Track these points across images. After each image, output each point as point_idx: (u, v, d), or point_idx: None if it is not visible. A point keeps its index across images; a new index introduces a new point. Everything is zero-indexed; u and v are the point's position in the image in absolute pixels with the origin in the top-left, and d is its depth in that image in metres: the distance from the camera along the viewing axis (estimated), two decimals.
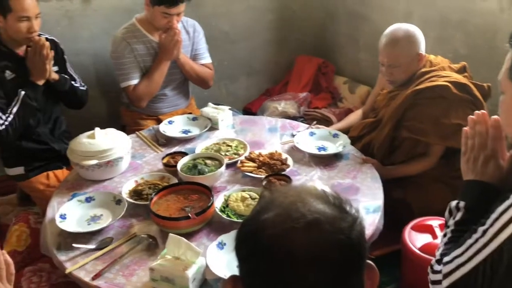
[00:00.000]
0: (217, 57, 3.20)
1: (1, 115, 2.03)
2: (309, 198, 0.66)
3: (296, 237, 0.62)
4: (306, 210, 0.64)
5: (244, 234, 0.67)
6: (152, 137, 2.23)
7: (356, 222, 0.66)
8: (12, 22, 2.01)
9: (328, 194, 0.68)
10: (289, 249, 0.62)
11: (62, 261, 1.50)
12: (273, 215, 0.65)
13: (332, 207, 0.66)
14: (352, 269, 0.65)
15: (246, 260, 0.65)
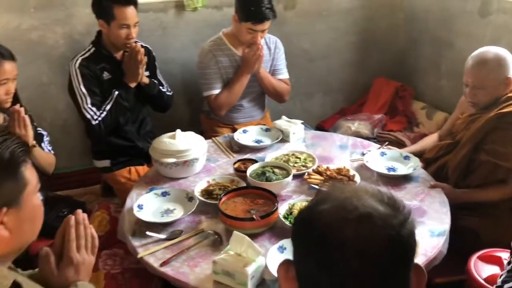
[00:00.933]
0: (295, 73, 3.30)
1: (96, 111, 2.26)
2: (364, 195, 0.71)
3: (347, 227, 0.67)
4: (360, 204, 0.69)
5: (301, 221, 0.73)
6: (227, 144, 2.35)
7: (407, 221, 0.70)
8: (114, 29, 2.24)
9: (383, 194, 0.73)
10: (339, 238, 0.67)
11: (135, 246, 1.64)
12: (328, 207, 0.70)
13: (385, 205, 0.70)
14: (399, 264, 0.68)
15: (299, 245, 0.71)
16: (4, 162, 0.88)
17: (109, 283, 1.79)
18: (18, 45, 2.66)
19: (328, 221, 0.68)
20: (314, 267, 0.68)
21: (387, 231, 0.67)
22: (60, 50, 2.76)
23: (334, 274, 0.66)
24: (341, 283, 0.66)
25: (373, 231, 0.67)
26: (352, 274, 0.66)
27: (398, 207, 0.71)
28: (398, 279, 0.68)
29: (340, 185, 0.76)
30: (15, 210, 0.92)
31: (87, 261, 1.14)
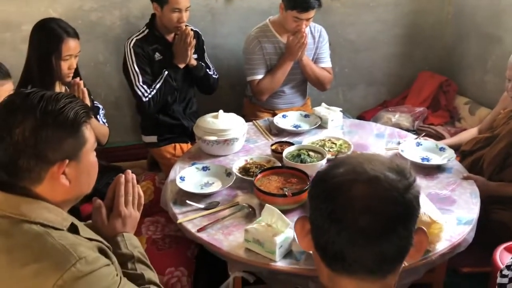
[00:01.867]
0: (339, 63, 3.36)
1: (147, 89, 2.42)
2: (376, 162, 0.79)
3: (356, 187, 0.76)
4: (369, 169, 0.77)
5: (316, 180, 0.82)
6: (266, 127, 2.46)
7: (411, 186, 0.78)
8: (166, 12, 2.38)
9: (394, 162, 0.81)
10: (348, 196, 0.76)
11: (176, 213, 1.78)
12: (342, 170, 0.79)
13: (393, 172, 0.78)
14: (401, 223, 0.76)
15: (314, 201, 0.80)
16: (68, 121, 1.02)
17: (150, 247, 1.95)
18: (79, 25, 2.85)
19: (340, 181, 0.77)
20: (326, 222, 0.77)
21: (393, 193, 0.76)
22: (116, 32, 2.94)
23: (343, 228, 0.75)
24: (349, 236, 0.75)
25: (379, 191, 0.75)
26: (359, 229, 0.74)
27: (405, 174, 0.79)
28: (399, 236, 0.76)
29: (356, 153, 0.85)
30: (75, 163, 1.06)
31: (133, 215, 1.28)
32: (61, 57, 1.97)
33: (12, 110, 1.00)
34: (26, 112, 0.99)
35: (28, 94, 1.02)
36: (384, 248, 0.75)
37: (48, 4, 2.79)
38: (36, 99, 1.00)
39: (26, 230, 0.99)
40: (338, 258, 0.77)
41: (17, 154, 0.98)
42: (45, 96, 1.02)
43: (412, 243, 0.79)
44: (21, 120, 0.98)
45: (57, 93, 1.05)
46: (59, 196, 1.06)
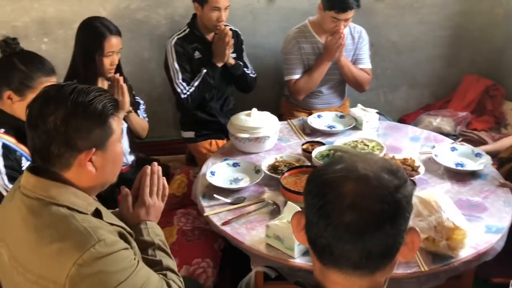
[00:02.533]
0: (380, 65, 3.33)
1: (186, 86, 2.51)
2: (370, 161, 0.81)
3: (346, 184, 0.78)
4: (361, 167, 0.79)
5: (311, 176, 0.85)
6: (300, 126, 2.48)
7: (402, 186, 0.79)
8: (206, 11, 2.46)
9: (390, 163, 0.82)
10: (338, 193, 0.78)
11: (203, 206, 1.85)
12: (335, 167, 0.81)
13: (385, 171, 0.79)
14: (387, 221, 0.77)
15: (306, 196, 0.83)
16: (96, 112, 1.10)
17: (180, 237, 2.02)
18: (126, 24, 3.01)
19: (331, 178, 0.80)
20: (315, 216, 0.79)
21: (381, 191, 0.77)
22: (161, 30, 3.06)
23: (330, 223, 0.77)
24: (335, 231, 0.77)
25: (368, 189, 0.77)
26: (345, 224, 0.76)
27: (397, 174, 0.80)
28: (386, 233, 0.77)
29: (356, 153, 0.87)
30: (101, 152, 1.14)
31: (157, 205, 1.36)
32: (104, 54, 2.08)
33: (46, 100, 1.09)
34: (58, 102, 1.08)
35: (62, 86, 1.11)
36: (370, 245, 0.77)
37: (98, 3, 2.94)
38: (68, 91, 1.09)
39: (54, 212, 1.08)
40: (326, 252, 0.80)
41: (49, 140, 1.07)
42: (76, 88, 1.10)
43: (402, 241, 0.80)
44: (54, 109, 1.07)
45: (88, 86, 1.13)
46: (86, 182, 1.14)
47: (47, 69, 1.72)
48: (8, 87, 1.66)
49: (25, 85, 1.66)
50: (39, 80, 1.68)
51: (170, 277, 1.25)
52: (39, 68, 1.70)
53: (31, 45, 2.98)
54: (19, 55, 1.72)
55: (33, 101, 1.11)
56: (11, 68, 1.67)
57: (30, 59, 1.71)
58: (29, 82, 1.67)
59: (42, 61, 1.74)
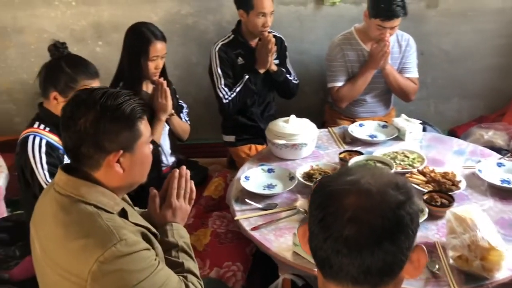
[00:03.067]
0: (431, 74, 3.23)
1: (228, 91, 2.55)
2: (376, 175, 0.80)
3: (348, 198, 0.77)
4: (365, 181, 0.78)
5: (316, 187, 0.85)
6: (340, 135, 2.45)
7: (406, 203, 0.77)
8: (252, 17, 2.49)
9: (395, 178, 0.81)
10: (339, 205, 0.77)
11: (235, 210, 1.87)
12: (340, 179, 0.81)
13: (390, 187, 0.78)
14: (387, 237, 0.75)
15: (310, 207, 0.83)
16: (124, 115, 1.15)
17: (213, 239, 2.06)
18: (176, 29, 3.11)
19: (334, 190, 0.79)
20: (316, 228, 0.79)
21: (383, 206, 0.76)
22: (209, 36, 3.13)
23: (329, 235, 0.77)
24: (333, 244, 0.76)
25: (369, 204, 0.76)
26: (343, 238, 0.76)
27: (402, 191, 0.78)
28: (385, 250, 0.75)
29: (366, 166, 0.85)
30: (129, 154, 1.19)
31: (183, 208, 1.40)
32: (149, 58, 2.16)
33: (78, 103, 1.16)
34: (88, 105, 1.14)
35: (93, 90, 1.17)
36: (367, 261, 0.75)
37: (150, 8, 3.05)
38: (98, 95, 1.15)
39: (82, 209, 1.14)
40: (325, 265, 0.79)
41: (80, 142, 1.14)
42: (106, 92, 1.16)
43: (405, 259, 0.78)
44: (84, 112, 1.13)
45: (118, 91, 1.18)
46: (114, 182, 1.20)
47: (90, 72, 1.82)
48: (55, 88, 1.77)
49: (69, 86, 1.76)
50: (82, 82, 1.78)
51: (190, 280, 1.28)
52: (83, 71, 1.80)
53: (87, 48, 3.15)
54: (66, 58, 1.82)
55: (67, 104, 1.18)
56: (58, 70, 1.78)
57: (75, 63, 1.81)
58: (73, 84, 1.77)
59: (86, 64, 1.84)
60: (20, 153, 1.77)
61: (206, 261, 1.99)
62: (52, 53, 1.82)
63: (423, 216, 1.71)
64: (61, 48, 1.81)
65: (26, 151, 1.73)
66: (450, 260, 1.49)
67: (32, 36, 3.11)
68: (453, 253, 1.48)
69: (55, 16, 3.07)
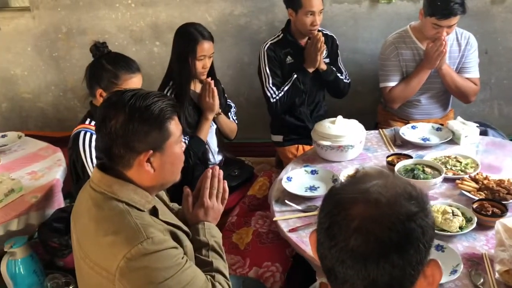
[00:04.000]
0: (496, 74, 3.04)
1: (276, 90, 2.54)
2: (389, 184, 0.76)
3: (356, 207, 0.73)
4: (375, 190, 0.74)
5: (327, 193, 0.82)
6: (391, 137, 2.37)
7: (418, 214, 0.72)
8: (301, 16, 2.46)
9: (409, 188, 0.76)
10: (346, 214, 0.74)
11: (275, 211, 1.86)
12: (351, 187, 0.78)
13: (404, 197, 0.73)
14: (394, 250, 0.71)
15: (319, 214, 0.80)
16: (153, 116, 1.18)
17: (254, 239, 2.07)
18: (229, 29, 3.15)
19: (343, 198, 0.76)
20: (323, 236, 0.77)
21: (392, 218, 0.71)
22: (261, 36, 3.13)
23: (334, 245, 0.74)
24: (338, 254, 0.73)
25: (377, 215, 0.72)
26: (348, 248, 0.72)
27: (416, 201, 0.73)
28: (392, 263, 0.71)
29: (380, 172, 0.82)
30: (159, 153, 1.21)
31: (215, 207, 1.41)
32: (196, 57, 2.21)
33: (108, 105, 1.20)
34: (118, 107, 1.17)
35: (123, 93, 1.21)
36: (373, 273, 0.72)
37: (204, 9, 3.11)
38: (127, 97, 1.18)
39: (113, 206, 1.18)
40: (331, 275, 0.76)
41: (111, 142, 1.18)
42: (136, 94, 1.19)
43: (416, 274, 0.74)
44: (114, 114, 1.17)
45: (147, 92, 1.21)
46: (146, 181, 1.23)
47: (130, 67, 1.89)
48: (99, 85, 1.86)
49: (112, 82, 1.85)
50: (124, 77, 1.86)
51: (217, 279, 1.29)
52: (123, 67, 1.87)
53: (145, 48, 3.28)
54: (106, 56, 1.91)
55: (100, 106, 1.23)
56: (101, 68, 1.86)
57: (115, 59, 1.89)
58: (115, 80, 1.85)
59: (126, 60, 1.91)
60: (72, 148, 1.88)
61: (246, 260, 2.00)
62: (94, 53, 1.92)
63: (470, 225, 1.61)
64: (102, 47, 1.90)
65: (78, 146, 1.84)
66: (496, 274, 1.39)
67: (94, 37, 3.27)
68: (500, 267, 1.39)
69: (116, 18, 3.22)
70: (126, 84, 1.84)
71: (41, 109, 3.61)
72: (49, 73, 3.48)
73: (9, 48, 3.44)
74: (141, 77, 1.93)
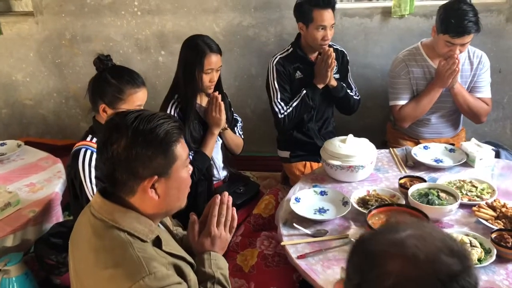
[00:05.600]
0: (509, 93, 2.98)
1: (284, 106, 2.47)
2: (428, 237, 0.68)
3: (390, 262, 0.66)
4: (413, 244, 0.66)
5: (355, 242, 0.74)
6: (402, 157, 2.29)
7: (460, 274, 0.64)
8: (311, 30, 2.39)
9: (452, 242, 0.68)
10: (380, 272, 0.66)
11: (282, 234, 1.78)
12: (386, 238, 0.70)
13: (445, 252, 0.66)
14: None
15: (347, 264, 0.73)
16: (157, 140, 1.10)
17: (260, 261, 1.98)
18: (237, 40, 3.08)
19: (377, 251, 0.68)
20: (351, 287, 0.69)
21: (431, 278, 0.64)
22: (269, 47, 3.07)
23: None
24: None
25: (416, 273, 0.64)
26: None
27: (458, 258, 0.66)
28: None
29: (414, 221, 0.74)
30: (164, 179, 1.14)
31: (223, 236, 1.33)
32: (203, 70, 2.13)
33: (111, 128, 1.12)
34: (120, 130, 1.10)
35: (126, 114, 1.13)
36: None
37: (212, 19, 3.05)
38: (131, 119, 1.11)
39: (114, 236, 1.10)
40: None
41: (113, 167, 1.10)
42: (139, 116, 1.12)
43: None
44: (116, 137, 1.10)
45: (152, 114, 1.14)
46: (149, 209, 1.16)
47: (135, 81, 1.81)
48: (102, 100, 1.78)
49: (116, 97, 1.77)
50: (129, 92, 1.78)
51: None
52: (128, 81, 1.79)
53: (150, 57, 3.21)
54: (111, 70, 1.83)
55: (103, 128, 1.16)
56: (104, 82, 1.78)
57: (119, 73, 1.81)
58: (119, 95, 1.77)
59: (131, 74, 1.83)
60: (71, 165, 1.79)
61: (250, 284, 1.92)
62: (97, 66, 1.84)
63: (489, 258, 1.53)
64: (106, 60, 1.82)
65: (77, 164, 1.76)
66: None
67: (99, 44, 3.22)
68: None
69: (121, 25, 3.15)
70: (131, 99, 1.77)
71: (42, 116, 3.54)
72: (51, 79, 3.41)
73: (11, 53, 3.38)
74: (146, 91, 1.86)
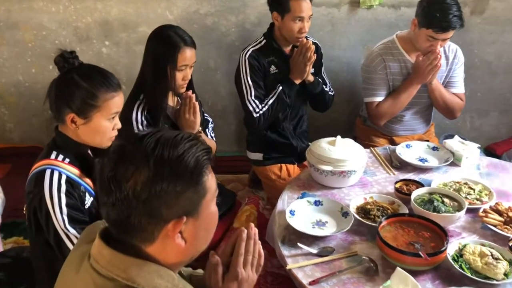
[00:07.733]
0: (470, 86, 2.97)
1: (259, 104, 2.24)
2: None
3: None
4: None
5: None
6: (386, 157, 2.17)
7: None
8: (287, 21, 2.17)
9: None
10: None
11: (284, 255, 1.56)
12: None
13: None
14: None
15: None
16: (187, 171, 0.84)
17: None
18: (194, 29, 2.79)
19: None
20: None
21: None
22: (230, 38, 2.81)
23: None
24: None
25: None
26: None
27: None
28: None
29: None
30: (192, 219, 0.88)
31: (250, 278, 1.09)
32: (176, 67, 1.84)
33: (122, 158, 0.84)
34: (138, 161, 0.83)
35: (141, 138, 0.85)
36: None
37: (165, 6, 2.73)
38: (150, 146, 0.84)
39: None
40: None
41: (128, 210, 0.82)
42: (161, 139, 0.85)
43: None
44: (133, 171, 0.82)
45: (175, 135, 0.87)
46: (172, 258, 0.89)
47: (111, 84, 1.45)
48: (70, 108, 1.41)
49: (88, 104, 1.41)
50: (103, 97, 1.42)
51: None
52: (102, 83, 1.43)
53: (92, 48, 2.82)
54: (79, 70, 1.46)
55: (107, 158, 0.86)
56: (71, 86, 1.41)
57: (91, 74, 1.45)
58: (92, 101, 1.41)
59: (105, 75, 1.47)
60: (33, 191, 1.40)
61: None
62: (61, 65, 1.44)
63: None
64: (71, 58, 1.44)
65: (42, 190, 1.37)
66: None
67: (29, 33, 2.76)
68: None
69: (56, 11, 2.73)
70: (107, 106, 1.42)
71: None
72: None
73: None
74: (123, 95, 1.52)
